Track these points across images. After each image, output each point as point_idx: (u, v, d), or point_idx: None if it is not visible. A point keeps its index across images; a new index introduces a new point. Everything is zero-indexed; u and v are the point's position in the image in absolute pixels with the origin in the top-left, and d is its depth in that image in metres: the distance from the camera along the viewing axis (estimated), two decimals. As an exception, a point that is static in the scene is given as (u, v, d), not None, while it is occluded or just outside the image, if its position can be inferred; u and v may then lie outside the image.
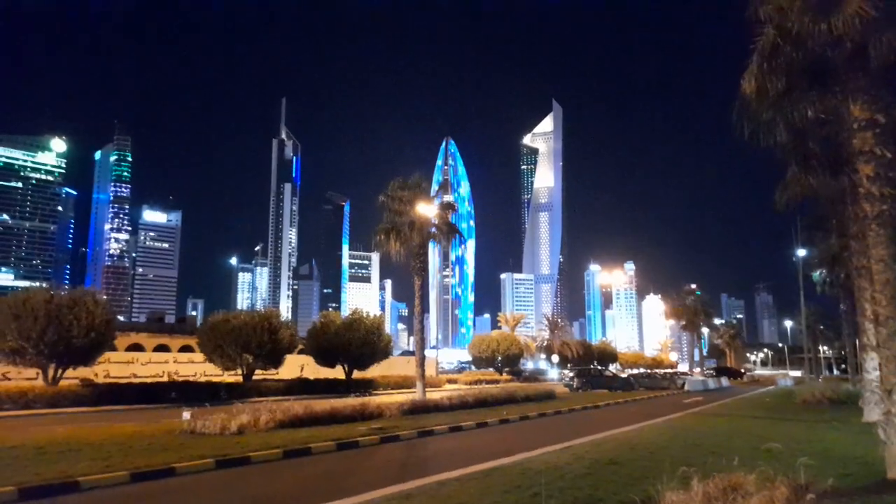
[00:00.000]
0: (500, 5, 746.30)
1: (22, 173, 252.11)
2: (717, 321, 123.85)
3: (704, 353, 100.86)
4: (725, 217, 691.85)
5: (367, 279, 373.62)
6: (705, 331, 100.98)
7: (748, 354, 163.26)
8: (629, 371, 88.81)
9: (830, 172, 13.63)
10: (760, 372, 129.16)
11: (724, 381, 62.31)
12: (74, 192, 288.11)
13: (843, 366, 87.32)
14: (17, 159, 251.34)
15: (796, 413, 26.61)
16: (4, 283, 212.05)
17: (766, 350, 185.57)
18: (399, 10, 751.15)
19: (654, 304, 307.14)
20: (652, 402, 36.23)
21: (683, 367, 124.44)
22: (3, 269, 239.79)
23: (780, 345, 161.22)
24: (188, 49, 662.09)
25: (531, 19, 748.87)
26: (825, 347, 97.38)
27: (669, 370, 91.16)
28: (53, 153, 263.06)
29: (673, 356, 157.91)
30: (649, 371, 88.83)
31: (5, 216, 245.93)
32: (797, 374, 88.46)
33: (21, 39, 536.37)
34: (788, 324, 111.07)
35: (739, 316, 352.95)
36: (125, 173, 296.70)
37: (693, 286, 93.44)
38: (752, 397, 41.44)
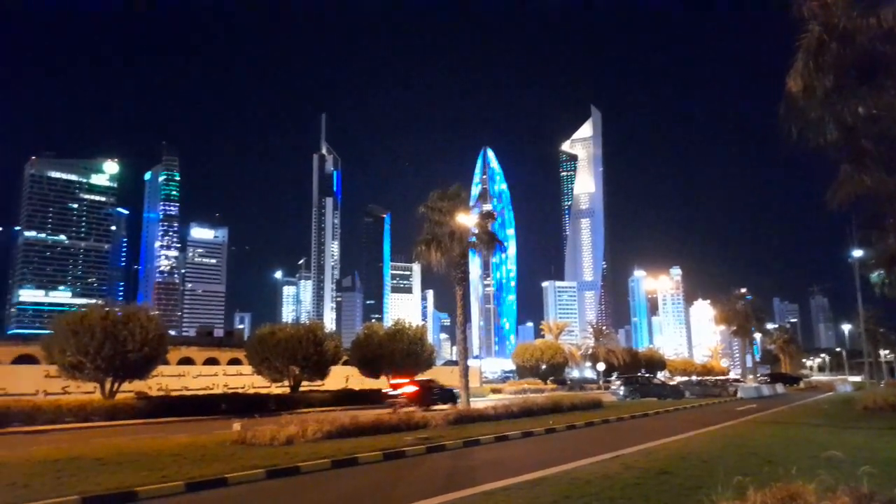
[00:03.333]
0: (536, 11, 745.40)
1: (77, 195, 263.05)
2: (769, 326, 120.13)
3: (757, 359, 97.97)
4: (776, 218, 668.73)
5: (408, 290, 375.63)
6: (757, 336, 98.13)
7: (804, 360, 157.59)
8: (678, 378, 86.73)
9: (886, 170, 13.18)
10: (818, 377, 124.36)
11: (779, 388, 60.31)
12: (126, 212, 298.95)
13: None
14: (72, 182, 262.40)
15: (857, 420, 25.56)
16: (62, 301, 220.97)
17: (822, 355, 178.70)
18: (435, 20, 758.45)
19: (703, 310, 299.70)
20: (703, 410, 35.31)
21: (735, 374, 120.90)
22: (61, 287, 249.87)
23: (838, 349, 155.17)
24: (229, 70, 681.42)
25: (567, 24, 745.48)
26: (886, 351, 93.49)
27: (721, 377, 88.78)
28: (106, 175, 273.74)
29: (724, 362, 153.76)
30: (700, 378, 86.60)
31: (62, 236, 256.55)
32: (857, 379, 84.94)
33: (74, 68, 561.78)
34: (846, 327, 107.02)
35: (793, 320, 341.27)
36: (173, 192, 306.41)
37: (743, 290, 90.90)
38: (809, 404, 39.97)
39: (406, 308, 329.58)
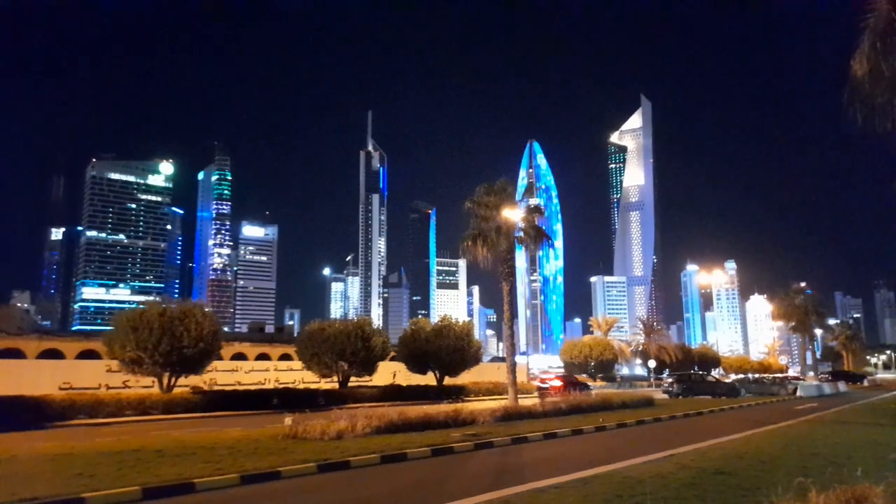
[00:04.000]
0: (584, 1, 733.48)
1: (135, 195, 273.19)
2: (830, 321, 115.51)
3: (818, 357, 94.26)
4: (837, 209, 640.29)
5: (454, 286, 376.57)
6: (818, 332, 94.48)
7: (868, 357, 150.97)
8: (733, 376, 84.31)
9: (959, 156, 12.42)
10: (883, 375, 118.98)
11: (842, 386, 57.91)
12: (181, 211, 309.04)
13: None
14: (130, 182, 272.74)
15: (927, 421, 24.30)
16: (122, 298, 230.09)
17: (888, 351, 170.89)
18: (478, 12, 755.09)
19: (759, 305, 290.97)
20: (760, 409, 34.21)
21: (794, 372, 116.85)
22: (121, 285, 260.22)
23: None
24: (277, 70, 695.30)
25: (615, 12, 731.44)
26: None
27: (779, 374, 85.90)
28: (162, 175, 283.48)
29: (782, 360, 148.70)
30: (756, 376, 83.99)
31: (122, 236, 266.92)
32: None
33: (131, 72, 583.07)
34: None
35: (856, 315, 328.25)
36: (225, 191, 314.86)
37: (803, 284, 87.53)
38: (874, 403, 38.25)
39: (452, 304, 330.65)
